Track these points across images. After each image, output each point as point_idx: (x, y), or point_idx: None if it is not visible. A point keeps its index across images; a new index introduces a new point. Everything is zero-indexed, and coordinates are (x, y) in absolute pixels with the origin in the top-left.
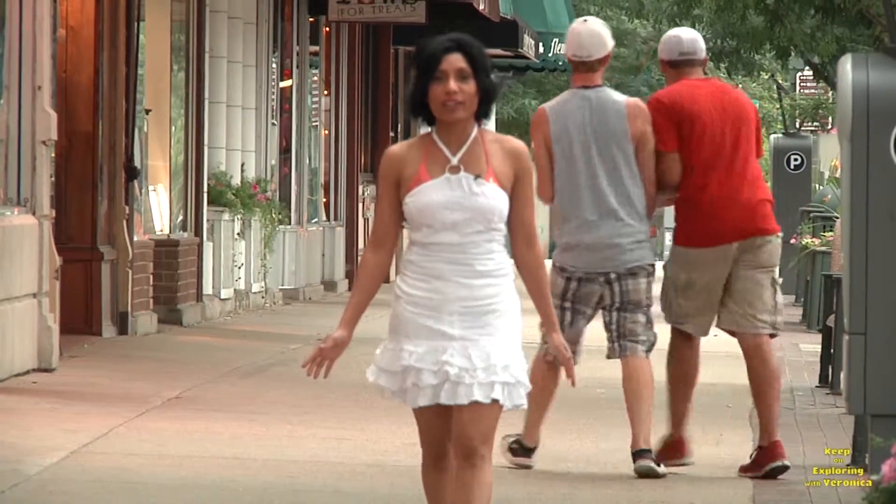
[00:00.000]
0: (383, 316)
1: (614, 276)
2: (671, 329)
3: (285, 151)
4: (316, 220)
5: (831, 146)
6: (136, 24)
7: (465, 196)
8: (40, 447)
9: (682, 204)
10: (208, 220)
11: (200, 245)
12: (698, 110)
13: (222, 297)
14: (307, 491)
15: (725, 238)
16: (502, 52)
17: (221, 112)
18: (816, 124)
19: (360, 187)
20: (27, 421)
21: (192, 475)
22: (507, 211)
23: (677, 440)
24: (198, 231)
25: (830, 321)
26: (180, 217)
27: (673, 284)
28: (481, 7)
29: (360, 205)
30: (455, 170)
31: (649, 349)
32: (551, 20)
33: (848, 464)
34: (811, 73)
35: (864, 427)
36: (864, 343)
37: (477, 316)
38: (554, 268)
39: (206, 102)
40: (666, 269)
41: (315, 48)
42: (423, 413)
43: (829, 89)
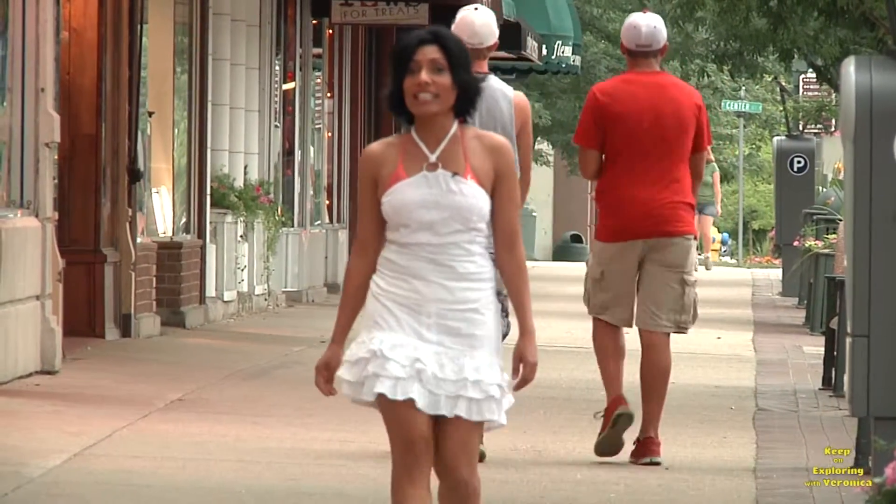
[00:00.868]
0: None
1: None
2: (593, 319)
3: (288, 154)
4: (319, 223)
5: (835, 148)
6: (140, 27)
7: (443, 194)
8: (43, 450)
9: (599, 199)
10: (211, 223)
11: (203, 247)
12: (626, 111)
13: (225, 300)
14: (310, 493)
15: (629, 235)
16: (506, 55)
17: (224, 114)
18: (820, 127)
19: None
20: (30, 423)
21: (196, 477)
22: (488, 210)
23: (618, 398)
24: (201, 233)
25: (833, 323)
26: (183, 219)
27: (591, 277)
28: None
29: None
30: (433, 167)
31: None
32: (554, 23)
33: (850, 466)
34: (814, 76)
35: (868, 430)
36: (868, 345)
37: (455, 321)
38: None
39: (210, 105)
40: (587, 264)
41: (318, 50)
42: (393, 411)
43: (833, 91)
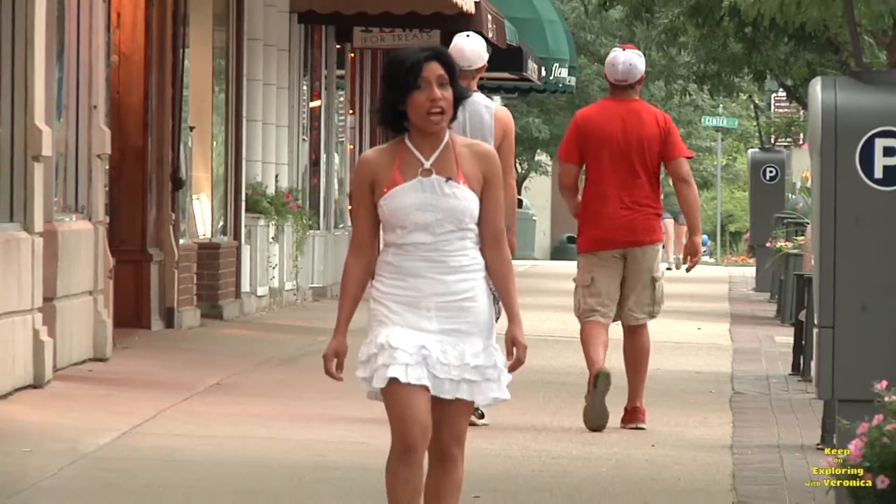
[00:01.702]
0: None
1: None
2: (581, 324)
3: (314, 164)
4: (342, 226)
5: (803, 159)
6: (182, 51)
7: (437, 198)
8: (95, 428)
9: (581, 214)
10: (246, 226)
11: (239, 248)
12: (600, 134)
13: (258, 295)
14: (334, 467)
15: (607, 246)
16: (509, 76)
17: (258, 129)
18: (789, 140)
19: None
20: (83, 405)
21: (232, 454)
22: (477, 212)
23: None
24: (236, 235)
25: (802, 316)
26: (221, 223)
27: (580, 285)
28: (490, 35)
29: None
30: (427, 173)
31: None
32: (552, 47)
33: (817, 444)
34: (784, 95)
35: (832, 411)
36: (833, 335)
37: (453, 311)
38: None
39: (244, 120)
40: (575, 278)
41: (341, 72)
42: (397, 393)
43: (801, 109)
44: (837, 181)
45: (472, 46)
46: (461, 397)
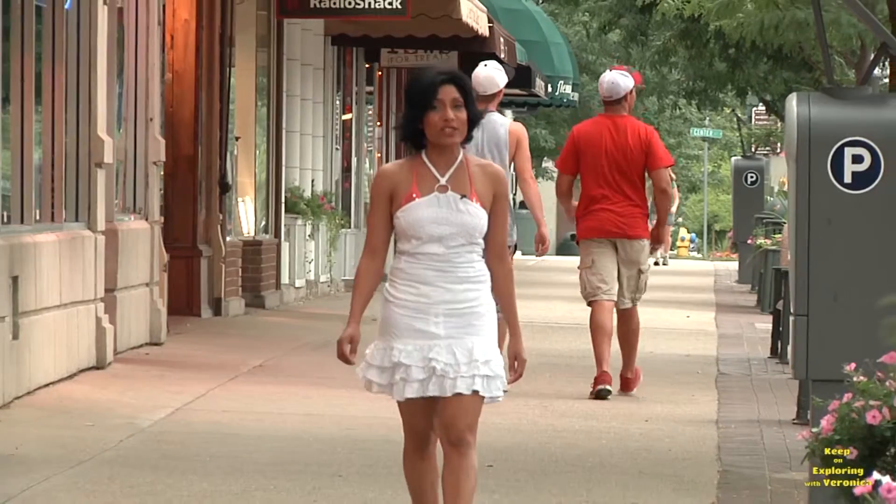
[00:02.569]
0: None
1: None
2: (591, 304)
3: (346, 170)
4: None
5: (780, 166)
6: (228, 70)
7: (452, 213)
8: (151, 405)
9: (578, 209)
10: (285, 225)
11: (279, 244)
12: (593, 145)
13: (296, 286)
14: (364, 440)
15: (603, 233)
16: (519, 92)
17: (296, 139)
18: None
19: None
20: (141, 385)
21: (273, 428)
22: (486, 227)
23: (604, 374)
24: (277, 233)
25: (779, 305)
26: (263, 222)
27: (584, 268)
28: (502, 56)
29: None
30: (443, 189)
31: None
32: (557, 66)
33: (793, 419)
34: (764, 108)
35: (807, 390)
36: (807, 323)
37: (460, 317)
38: None
39: (284, 131)
40: (578, 267)
41: (370, 88)
42: (409, 405)
43: (779, 121)
44: (811, 186)
45: (487, 74)
46: (477, 390)
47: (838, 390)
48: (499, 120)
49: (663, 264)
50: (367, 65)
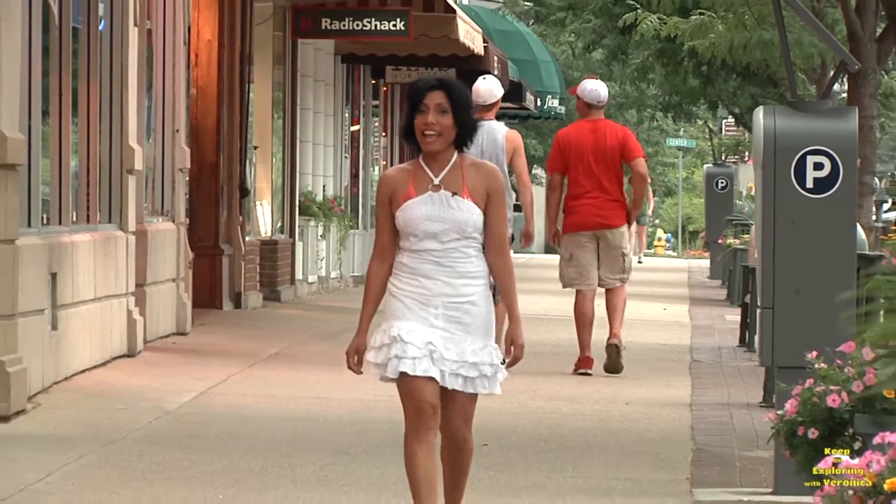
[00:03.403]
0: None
1: None
2: (575, 292)
3: (354, 176)
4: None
5: (748, 173)
6: (247, 85)
7: (444, 210)
8: (177, 389)
9: (565, 205)
10: (299, 226)
11: (293, 244)
12: (576, 146)
13: (309, 282)
14: (369, 421)
15: (585, 227)
16: (511, 105)
17: (309, 148)
18: (737, 157)
19: None
20: (168, 371)
21: (287, 410)
22: (481, 222)
23: (585, 357)
24: (291, 234)
25: (747, 299)
26: (279, 223)
27: (563, 260)
28: (496, 73)
29: None
30: (436, 188)
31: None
32: (546, 82)
33: (760, 402)
34: (733, 120)
35: (773, 375)
36: (772, 315)
37: (457, 311)
38: None
39: (298, 141)
40: (560, 252)
41: (376, 102)
42: (409, 384)
43: (746, 132)
44: (776, 190)
45: (485, 87)
46: (460, 390)
47: (801, 376)
48: (497, 127)
49: (638, 262)
50: (374, 81)
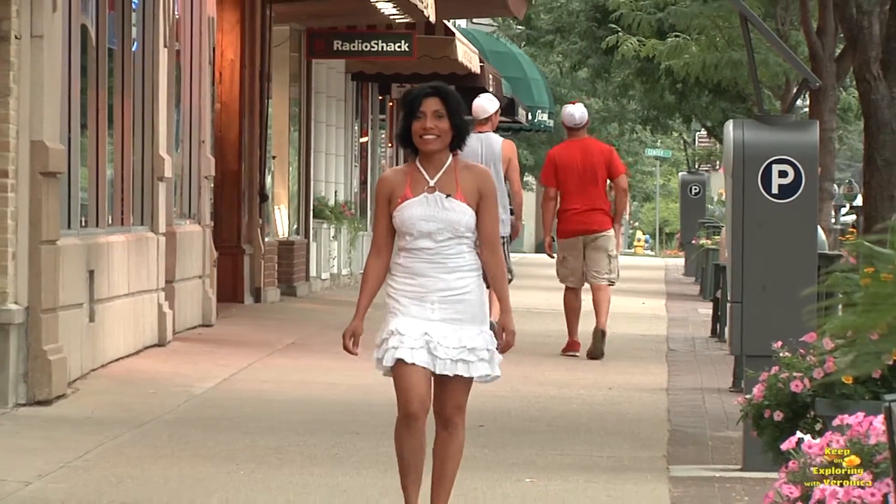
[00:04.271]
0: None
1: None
2: (565, 287)
3: (363, 183)
4: None
5: (719, 180)
6: (266, 101)
7: (439, 211)
8: (203, 376)
9: (558, 215)
10: (313, 228)
11: (308, 244)
12: (566, 162)
13: (322, 278)
14: (377, 404)
15: (575, 234)
16: (504, 119)
17: (322, 158)
18: (709, 166)
19: None
20: (195, 359)
21: (303, 394)
22: (474, 222)
23: (573, 341)
24: (306, 235)
25: (718, 294)
26: (295, 226)
27: (558, 261)
28: (490, 89)
29: None
30: (431, 190)
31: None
32: (536, 98)
33: (730, 387)
34: (706, 133)
35: (741, 363)
36: (741, 308)
37: (452, 303)
38: None
39: (312, 151)
40: (556, 253)
41: (382, 116)
42: (403, 372)
43: (717, 143)
44: (745, 196)
45: (481, 103)
46: (459, 374)
47: (767, 364)
48: (495, 138)
49: None
50: (380, 97)
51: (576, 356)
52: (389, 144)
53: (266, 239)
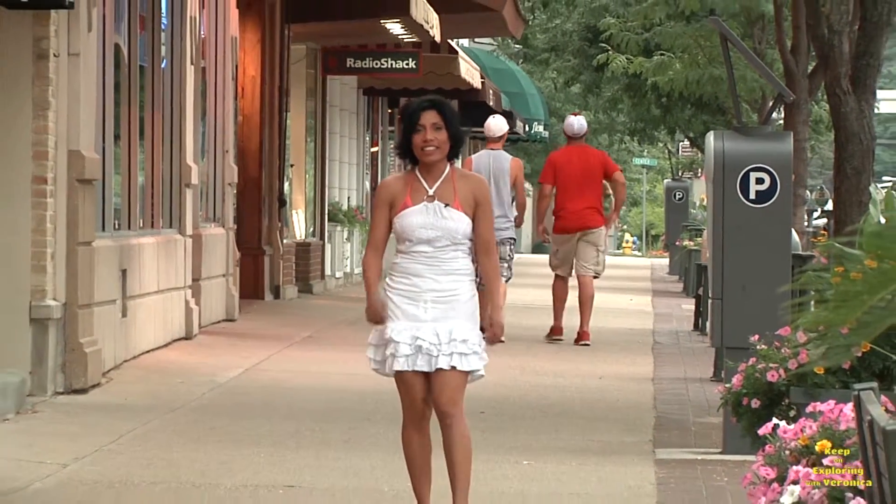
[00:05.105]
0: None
1: (499, 240)
2: (554, 276)
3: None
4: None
5: (701, 186)
6: (285, 114)
7: (438, 219)
8: (227, 366)
9: (555, 213)
10: (328, 231)
11: (323, 245)
12: (566, 166)
13: (336, 277)
14: (388, 392)
15: (570, 230)
16: None
17: (336, 166)
18: (692, 173)
19: None
20: (219, 351)
21: (320, 384)
22: (470, 229)
23: (558, 327)
24: (322, 237)
25: (700, 291)
26: (311, 229)
27: (551, 253)
28: (491, 103)
29: None
30: (431, 199)
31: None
32: (533, 111)
33: (711, 377)
34: (688, 143)
35: (721, 355)
36: (721, 304)
37: (444, 304)
38: None
39: (327, 160)
40: (550, 245)
41: (391, 128)
42: (403, 379)
43: (699, 152)
44: (724, 201)
45: (495, 122)
46: (454, 366)
47: (745, 356)
48: (504, 156)
49: None
50: (389, 110)
51: (560, 340)
52: (398, 154)
53: (284, 241)
